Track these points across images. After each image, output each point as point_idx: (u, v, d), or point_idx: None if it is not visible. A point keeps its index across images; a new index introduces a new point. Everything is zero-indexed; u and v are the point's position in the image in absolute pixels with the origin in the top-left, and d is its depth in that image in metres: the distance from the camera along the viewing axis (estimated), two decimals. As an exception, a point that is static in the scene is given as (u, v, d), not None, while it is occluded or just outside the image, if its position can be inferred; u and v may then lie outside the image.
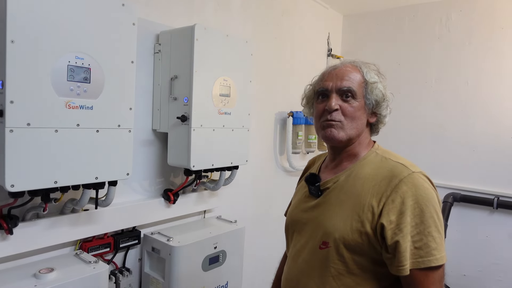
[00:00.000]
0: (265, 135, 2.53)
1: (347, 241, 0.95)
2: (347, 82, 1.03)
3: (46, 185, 1.17)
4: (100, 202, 1.42)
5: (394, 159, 1.02)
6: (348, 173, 1.04)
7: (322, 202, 1.06)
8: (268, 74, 2.47)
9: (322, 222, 1.02)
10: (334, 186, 1.04)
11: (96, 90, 1.26)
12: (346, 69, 1.05)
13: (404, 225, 0.90)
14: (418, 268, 0.90)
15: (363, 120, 1.05)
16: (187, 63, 1.61)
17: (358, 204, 0.97)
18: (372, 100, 1.04)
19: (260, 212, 2.49)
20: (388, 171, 0.98)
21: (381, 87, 1.05)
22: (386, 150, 1.09)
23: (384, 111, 1.08)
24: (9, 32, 1.06)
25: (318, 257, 1.01)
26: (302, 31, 2.77)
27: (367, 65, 1.08)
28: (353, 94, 1.02)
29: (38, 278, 1.23)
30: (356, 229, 0.95)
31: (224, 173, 1.87)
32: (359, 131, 1.05)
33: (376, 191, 0.96)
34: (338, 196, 1.02)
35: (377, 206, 0.94)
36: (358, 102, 1.03)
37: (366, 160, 1.04)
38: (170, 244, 1.62)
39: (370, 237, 0.94)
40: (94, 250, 1.55)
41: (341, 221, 0.98)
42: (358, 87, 1.03)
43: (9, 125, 1.08)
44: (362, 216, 0.95)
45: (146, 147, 1.76)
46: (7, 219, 1.25)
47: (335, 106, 1.02)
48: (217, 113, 1.73)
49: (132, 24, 1.35)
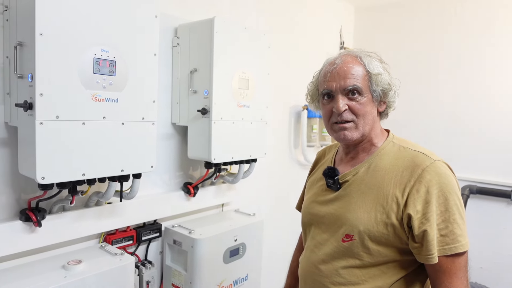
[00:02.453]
0: (279, 128, 2.52)
1: (372, 233, 0.96)
2: (350, 80, 1.00)
3: (75, 177, 1.18)
4: (124, 194, 1.43)
5: (412, 148, 1.02)
6: (367, 165, 1.03)
7: (342, 195, 1.05)
8: (282, 67, 2.46)
9: (344, 215, 1.02)
10: (354, 178, 1.04)
11: (121, 83, 1.27)
12: (347, 66, 1.01)
13: (430, 214, 0.90)
14: (445, 255, 0.91)
15: (373, 113, 1.04)
16: (207, 55, 1.61)
17: (381, 195, 0.97)
18: (379, 91, 1.02)
19: (275, 205, 2.49)
20: (409, 161, 0.97)
21: (386, 76, 1.03)
22: (402, 139, 1.08)
23: (393, 98, 1.06)
24: (38, 25, 1.06)
25: (340, 250, 1.01)
26: (315, 24, 2.76)
27: (367, 54, 1.05)
28: (359, 91, 1.00)
29: (67, 269, 1.25)
30: (381, 220, 0.95)
31: (243, 166, 1.87)
32: (371, 125, 1.04)
33: (398, 182, 0.96)
34: (359, 189, 1.01)
35: (401, 197, 0.94)
36: (365, 97, 1.01)
37: (384, 151, 1.04)
38: (192, 236, 1.63)
39: (396, 228, 0.94)
40: (118, 243, 1.56)
41: (364, 214, 0.98)
42: (363, 81, 1.00)
43: (39, 118, 1.08)
44: (387, 208, 0.95)
45: (166, 141, 1.77)
46: (35, 211, 1.27)
47: (343, 107, 1.00)
48: (237, 106, 1.73)
49: (155, 16, 1.35)
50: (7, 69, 1.22)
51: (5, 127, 1.25)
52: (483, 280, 2.65)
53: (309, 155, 2.59)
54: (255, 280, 1.93)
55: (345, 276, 1.00)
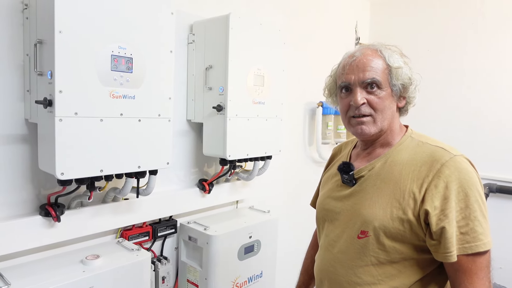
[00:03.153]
0: (294, 125, 2.51)
1: (388, 229, 0.93)
2: (370, 73, 0.97)
3: (93, 173, 1.19)
4: (141, 191, 1.44)
5: (432, 143, 0.99)
6: (383, 159, 1.01)
7: (358, 191, 1.03)
8: (296, 63, 2.44)
9: (359, 211, 1.00)
10: (370, 173, 1.01)
11: (138, 80, 1.28)
12: (366, 58, 0.99)
13: (449, 210, 0.87)
14: (465, 254, 0.88)
15: (392, 108, 1.01)
16: (222, 52, 1.60)
17: (397, 191, 0.94)
18: (399, 86, 0.99)
19: (290, 202, 2.48)
20: (427, 156, 0.94)
21: (406, 70, 1.00)
22: (421, 134, 1.04)
23: (413, 93, 1.03)
24: (57, 23, 1.07)
25: (356, 247, 0.99)
26: (330, 20, 2.73)
27: (388, 47, 1.02)
28: (378, 84, 0.97)
29: (85, 264, 1.26)
30: (397, 216, 0.92)
31: (258, 163, 1.87)
32: (390, 120, 1.01)
33: (416, 177, 0.93)
34: (375, 184, 0.99)
35: (418, 192, 0.91)
36: (384, 91, 0.98)
37: (402, 146, 1.01)
38: (207, 233, 1.63)
39: (413, 224, 0.91)
40: (134, 238, 1.58)
41: (380, 209, 0.95)
42: (382, 75, 0.98)
43: (58, 115, 1.10)
44: (403, 203, 0.92)
45: (181, 137, 1.78)
46: (54, 207, 1.29)
47: (361, 101, 0.98)
48: (252, 103, 1.72)
49: (171, 13, 1.36)
50: (27, 66, 1.24)
51: (26, 123, 1.27)
52: (502, 281, 2.60)
53: (323, 153, 2.57)
54: (269, 277, 1.92)
55: (361, 276, 0.98)
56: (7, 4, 1.21)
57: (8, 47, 1.22)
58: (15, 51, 1.24)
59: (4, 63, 1.22)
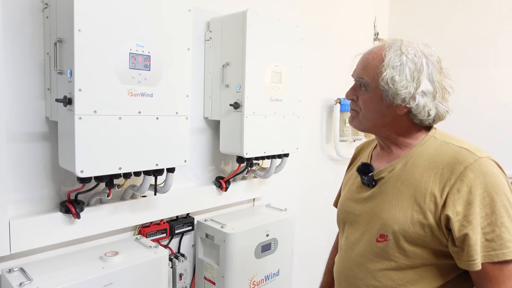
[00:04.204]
0: (311, 122, 2.48)
1: (408, 234, 0.90)
2: (359, 72, 0.99)
3: (112, 171, 1.20)
4: (158, 188, 1.45)
5: (456, 143, 0.93)
6: (404, 160, 0.97)
7: (378, 193, 1.00)
8: (314, 59, 2.41)
9: (378, 214, 0.97)
10: (390, 175, 0.98)
11: (156, 78, 1.27)
12: (368, 56, 0.98)
13: (472, 216, 0.83)
14: (491, 262, 0.83)
15: (382, 112, 0.96)
16: (239, 49, 1.59)
17: (418, 194, 0.91)
18: (389, 91, 0.92)
19: (307, 200, 2.46)
20: (450, 157, 0.90)
21: (402, 73, 0.90)
22: (446, 134, 0.99)
23: (414, 101, 0.92)
24: (76, 21, 1.08)
25: (375, 250, 0.96)
26: (348, 15, 2.68)
27: (401, 47, 0.93)
28: (365, 85, 0.97)
29: (104, 260, 1.28)
30: (418, 220, 0.89)
31: (275, 160, 1.85)
32: (377, 123, 0.98)
33: (438, 180, 0.89)
34: (395, 186, 0.96)
35: (440, 196, 0.87)
36: (371, 94, 0.96)
37: (424, 146, 0.96)
38: (224, 231, 1.63)
39: (434, 229, 0.88)
40: (152, 236, 1.58)
41: (400, 213, 0.92)
42: (373, 76, 0.94)
43: (78, 113, 1.11)
44: (424, 207, 0.89)
45: (198, 135, 1.77)
46: (74, 204, 1.30)
47: (348, 96, 1.02)
48: (269, 100, 1.70)
49: (188, 10, 1.35)
50: (48, 65, 1.26)
51: (46, 121, 1.29)
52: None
53: (341, 150, 2.53)
54: (286, 276, 1.91)
55: (381, 280, 0.95)
56: (28, 3, 1.22)
57: (29, 46, 1.24)
58: (36, 50, 1.25)
59: (26, 62, 1.23)
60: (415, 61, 0.92)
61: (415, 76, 0.92)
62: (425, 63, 0.93)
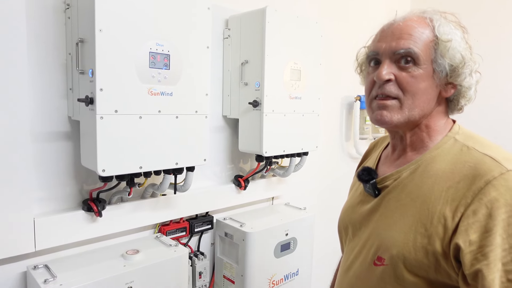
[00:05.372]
0: (330, 120, 2.44)
1: (409, 261, 0.73)
2: (405, 42, 0.75)
3: (133, 170, 1.21)
4: (178, 187, 1.45)
5: (481, 149, 0.74)
6: (413, 167, 0.79)
7: (379, 205, 0.83)
8: (333, 56, 2.37)
9: (377, 231, 0.81)
10: (395, 184, 0.80)
11: (175, 76, 1.27)
12: (407, 24, 0.77)
13: (490, 248, 0.65)
14: None
15: (431, 95, 0.77)
16: (258, 47, 1.57)
17: (425, 211, 0.73)
18: (446, 66, 0.75)
19: (326, 199, 2.43)
20: (470, 168, 0.71)
21: (460, 45, 0.75)
22: (470, 135, 0.80)
23: (467, 80, 0.77)
24: (97, 22, 1.08)
25: (371, 275, 0.80)
26: (368, 9, 2.62)
27: (442, 16, 0.78)
28: (414, 58, 0.75)
29: (126, 258, 1.29)
30: (422, 246, 0.72)
31: (295, 159, 1.83)
32: (424, 110, 0.78)
33: (451, 196, 0.71)
34: (399, 198, 0.78)
35: (451, 218, 0.69)
36: (422, 70, 0.75)
37: (440, 150, 0.78)
38: (244, 230, 1.62)
39: (440, 259, 0.70)
40: (172, 234, 1.59)
41: (401, 233, 0.75)
42: (424, 47, 0.75)
43: (100, 112, 1.11)
44: (430, 229, 0.71)
45: (217, 133, 1.77)
46: (96, 202, 1.32)
47: (385, 75, 0.76)
48: (288, 98, 1.68)
49: (207, 8, 1.34)
50: (69, 65, 1.27)
51: (68, 121, 1.31)
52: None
53: (361, 148, 2.49)
54: (306, 275, 1.89)
55: None
56: (51, 4, 1.23)
57: (52, 47, 1.25)
58: (58, 50, 1.27)
59: (48, 62, 1.25)
60: (460, 33, 0.77)
61: (469, 46, 0.76)
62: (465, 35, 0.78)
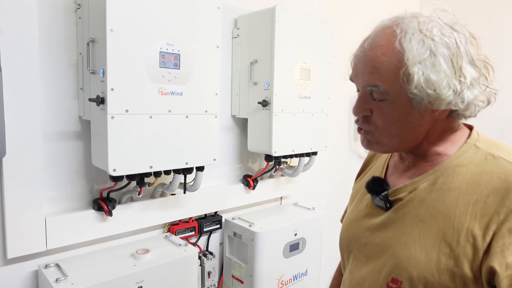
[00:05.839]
0: (339, 119, 2.43)
1: (431, 284, 0.66)
2: (371, 78, 0.69)
3: (143, 170, 1.21)
4: (188, 187, 1.45)
5: (508, 158, 0.67)
6: (432, 178, 0.71)
7: (392, 220, 0.75)
8: (342, 56, 2.35)
9: (392, 249, 0.73)
10: (410, 197, 0.73)
11: (185, 76, 1.27)
12: (374, 54, 0.69)
13: None
14: None
15: (414, 123, 0.70)
16: (268, 46, 1.57)
17: (449, 229, 0.66)
18: (423, 96, 0.65)
19: (334, 198, 2.42)
20: (500, 180, 0.65)
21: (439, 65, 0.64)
22: (493, 141, 0.73)
23: (454, 103, 0.66)
24: (108, 21, 1.09)
25: None
26: (377, 9, 2.60)
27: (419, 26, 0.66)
28: (381, 94, 0.69)
29: (136, 258, 1.29)
30: (447, 268, 0.65)
31: (303, 159, 1.83)
32: (406, 138, 0.72)
33: (480, 212, 0.64)
34: (417, 213, 0.71)
35: (481, 236, 0.63)
36: (395, 104, 0.68)
37: (461, 159, 0.70)
38: (252, 229, 1.62)
39: (469, 283, 0.64)
40: (181, 233, 1.59)
41: (421, 253, 0.68)
42: (393, 80, 0.66)
43: (111, 112, 1.12)
44: (457, 250, 0.64)
45: (226, 133, 1.77)
46: (107, 201, 1.32)
47: (358, 114, 0.74)
48: (297, 97, 1.67)
49: (217, 8, 1.34)
50: (80, 65, 1.28)
51: (79, 120, 1.31)
52: None
53: (370, 148, 2.47)
54: (315, 276, 1.89)
55: None
56: (62, 4, 1.24)
57: (63, 46, 1.26)
58: (69, 50, 1.27)
59: (59, 61, 1.26)
60: (446, 42, 0.65)
61: (454, 65, 0.64)
62: (458, 40, 0.66)
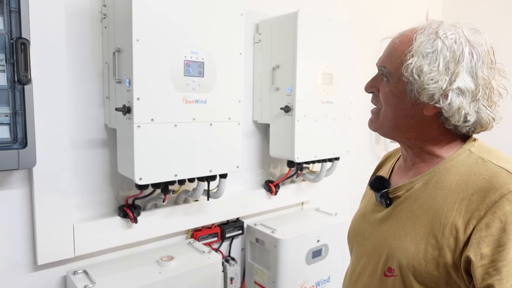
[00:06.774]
0: (361, 122, 2.38)
1: (419, 272, 0.73)
2: (383, 60, 0.83)
3: (168, 178, 1.22)
4: (211, 194, 1.45)
5: (496, 161, 0.73)
6: (426, 178, 0.79)
7: (390, 215, 0.83)
8: (363, 58, 2.32)
9: (387, 241, 0.80)
10: (407, 195, 0.80)
11: (209, 84, 1.27)
12: (394, 41, 0.82)
13: (503, 263, 0.65)
14: None
15: (406, 111, 0.78)
16: (290, 51, 1.56)
17: (436, 222, 0.73)
18: (413, 83, 0.75)
19: (356, 204, 2.38)
20: (484, 180, 0.70)
21: (423, 61, 0.73)
22: (488, 148, 0.79)
23: (438, 99, 0.73)
24: (135, 31, 1.10)
25: (382, 285, 0.79)
26: (398, 10, 2.55)
27: (437, 29, 0.76)
28: (386, 75, 0.81)
29: (161, 265, 1.30)
30: (432, 257, 0.71)
31: (326, 164, 1.81)
32: (399, 124, 0.80)
33: (464, 208, 0.70)
34: (411, 209, 0.78)
35: (463, 230, 0.69)
36: (393, 87, 0.79)
37: (455, 162, 0.77)
38: (275, 236, 1.61)
39: (451, 271, 0.70)
40: (204, 239, 1.60)
41: (412, 244, 0.75)
42: (397, 64, 0.78)
43: (137, 121, 1.13)
44: (442, 241, 0.71)
45: (248, 139, 1.76)
46: (132, 208, 1.33)
47: (366, 88, 0.87)
48: (320, 103, 1.66)
49: (240, 14, 1.34)
50: (106, 74, 1.29)
51: (105, 129, 1.33)
52: None
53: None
54: (337, 282, 1.86)
55: None
56: (88, 14, 1.26)
57: (89, 56, 1.28)
58: (95, 59, 1.29)
59: (86, 71, 1.28)
60: (453, 48, 0.73)
61: (450, 68, 0.72)
62: (467, 52, 0.73)
